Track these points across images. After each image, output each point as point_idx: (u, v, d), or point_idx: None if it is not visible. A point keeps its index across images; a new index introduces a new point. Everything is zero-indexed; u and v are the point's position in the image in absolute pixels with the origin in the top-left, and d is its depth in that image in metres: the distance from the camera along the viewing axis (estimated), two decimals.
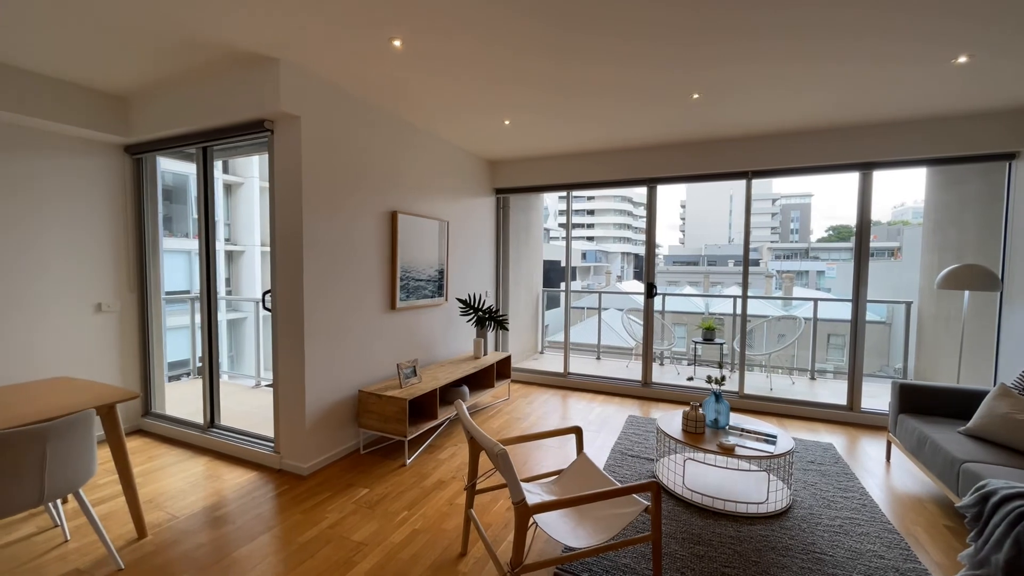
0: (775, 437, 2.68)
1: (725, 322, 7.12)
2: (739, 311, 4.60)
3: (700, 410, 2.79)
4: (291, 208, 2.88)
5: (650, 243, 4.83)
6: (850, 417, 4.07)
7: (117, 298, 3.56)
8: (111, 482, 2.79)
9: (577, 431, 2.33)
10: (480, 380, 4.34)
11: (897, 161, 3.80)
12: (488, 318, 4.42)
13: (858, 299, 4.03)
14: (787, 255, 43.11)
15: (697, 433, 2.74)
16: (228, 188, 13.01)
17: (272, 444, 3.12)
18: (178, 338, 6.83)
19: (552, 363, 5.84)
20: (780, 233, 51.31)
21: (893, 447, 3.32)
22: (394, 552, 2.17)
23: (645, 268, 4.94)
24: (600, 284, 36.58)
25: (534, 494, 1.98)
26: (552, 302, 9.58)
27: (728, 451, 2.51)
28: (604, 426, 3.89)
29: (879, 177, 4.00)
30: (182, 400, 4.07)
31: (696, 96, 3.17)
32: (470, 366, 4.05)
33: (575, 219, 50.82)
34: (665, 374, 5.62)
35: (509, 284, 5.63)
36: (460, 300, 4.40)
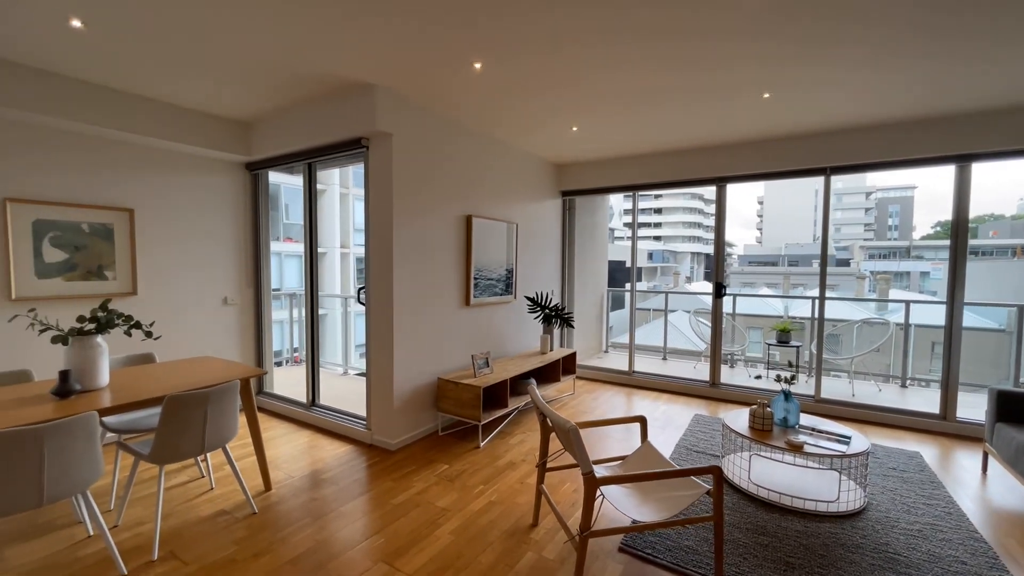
0: (848, 438, 2.64)
1: (805, 326, 6.77)
2: (819, 314, 4.42)
3: (768, 408, 2.81)
4: (383, 214, 3.28)
5: (719, 243, 4.78)
6: (943, 427, 3.79)
7: (238, 293, 4.20)
8: (240, 445, 3.33)
9: (642, 420, 2.47)
10: (546, 374, 4.55)
11: (1001, 152, 3.50)
12: (554, 316, 4.62)
13: (953, 302, 3.76)
14: (883, 254, 39.07)
15: (764, 430, 2.76)
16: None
17: (364, 421, 3.54)
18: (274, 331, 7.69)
19: (617, 362, 5.92)
20: (876, 230, 46.59)
21: (990, 458, 3.09)
22: (473, 518, 2.45)
23: (714, 268, 4.89)
24: (667, 285, 35.42)
25: (604, 474, 2.16)
26: (617, 303, 9.54)
27: (796, 448, 2.52)
28: (669, 424, 3.95)
29: (997, 168, 3.70)
30: (282, 384, 4.67)
31: (767, 96, 3.17)
32: (537, 360, 4.28)
33: (641, 218, 49.45)
34: (735, 376, 5.50)
35: (574, 284, 5.79)
36: (528, 298, 4.64)
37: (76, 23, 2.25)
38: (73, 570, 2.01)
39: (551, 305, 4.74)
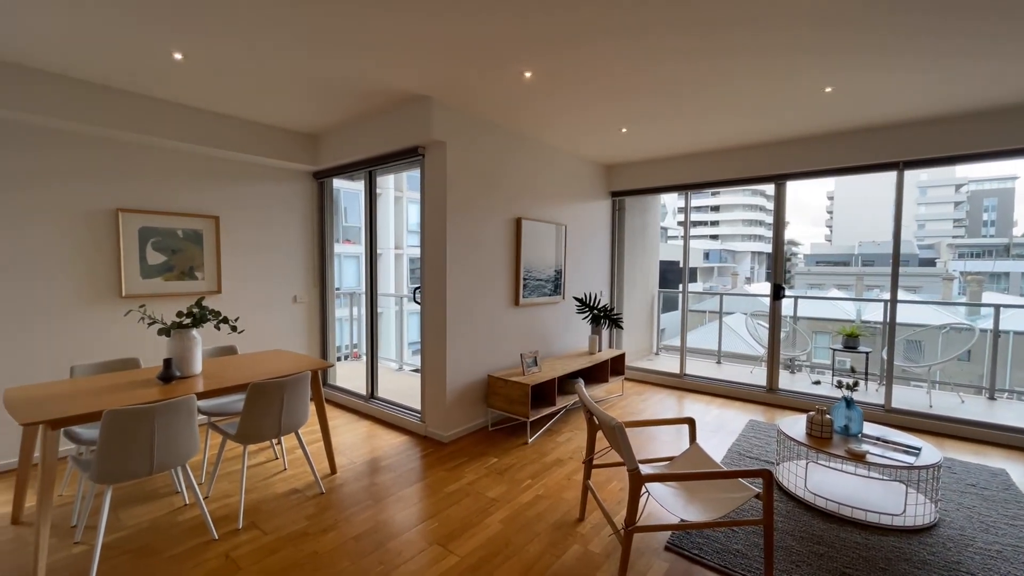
0: (918, 449, 2.48)
1: (879, 331, 6.31)
2: (890, 318, 4.14)
3: (827, 415, 2.70)
4: (438, 218, 3.45)
5: (778, 243, 4.60)
6: None
7: (306, 292, 4.55)
8: (309, 431, 3.63)
9: (690, 421, 2.46)
10: (594, 374, 4.57)
11: None
12: (603, 316, 4.63)
13: None
14: (976, 253, 35.27)
15: (823, 438, 2.66)
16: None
17: (419, 414, 3.74)
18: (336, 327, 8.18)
19: (668, 364, 5.82)
20: (967, 226, 42.07)
21: None
22: (521, 510, 2.55)
23: (773, 269, 4.71)
24: (725, 286, 33.87)
25: (647, 470, 2.19)
26: (669, 304, 9.29)
27: (858, 457, 2.42)
28: (721, 428, 3.86)
29: None
30: (343, 377, 5.00)
31: (829, 90, 3.03)
32: (585, 360, 4.32)
33: (696, 216, 47.59)
34: (796, 382, 5.24)
35: (624, 284, 5.76)
36: (576, 298, 4.68)
37: (177, 55, 2.57)
38: (174, 533, 2.31)
39: (599, 306, 4.75)
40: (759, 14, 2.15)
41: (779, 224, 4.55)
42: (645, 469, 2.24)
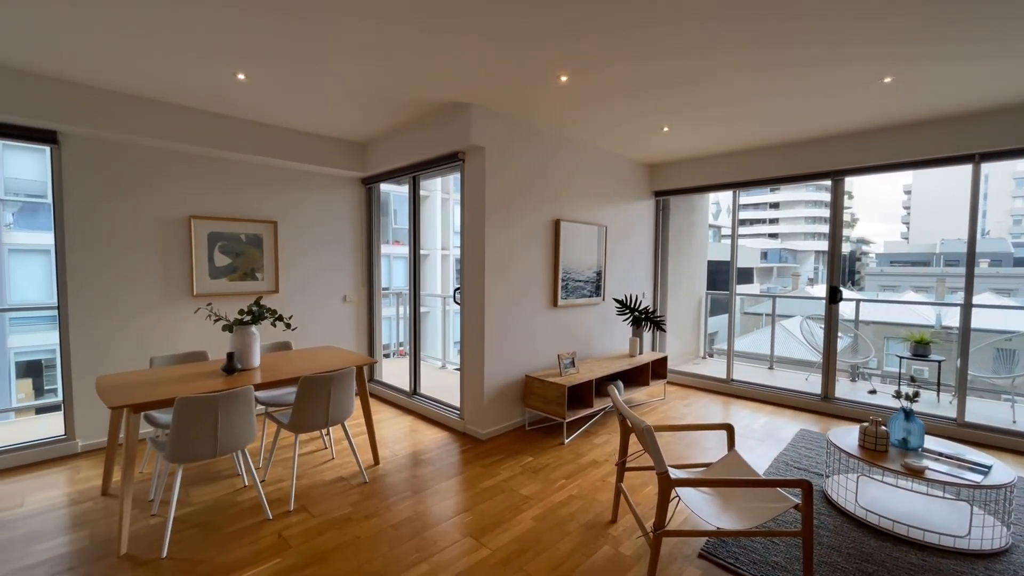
0: (987, 467, 2.28)
1: (958, 337, 5.77)
2: (964, 323, 3.80)
3: (883, 427, 2.54)
4: (477, 220, 3.55)
5: (834, 242, 4.33)
6: None
7: (355, 292, 4.79)
8: (355, 423, 3.84)
9: (728, 428, 2.39)
10: (634, 377, 4.51)
11: None
12: (644, 318, 4.56)
13: None
14: None
15: (878, 451, 2.50)
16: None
17: (458, 411, 3.85)
18: (383, 325, 8.53)
19: (715, 369, 5.62)
20: None
21: None
22: (554, 508, 2.58)
23: (829, 270, 4.44)
24: (785, 288, 31.97)
25: (681, 476, 2.16)
26: (721, 306, 8.91)
27: (916, 473, 2.26)
28: (769, 437, 3.69)
29: None
30: (389, 374, 5.21)
31: (888, 80, 2.84)
32: (624, 363, 4.27)
33: (753, 214, 45.29)
34: (857, 391, 4.90)
35: (668, 286, 5.62)
36: (616, 300, 4.63)
37: (241, 76, 2.82)
38: (234, 511, 2.53)
39: (641, 307, 4.68)
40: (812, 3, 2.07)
41: (836, 222, 4.29)
42: (677, 473, 2.20)
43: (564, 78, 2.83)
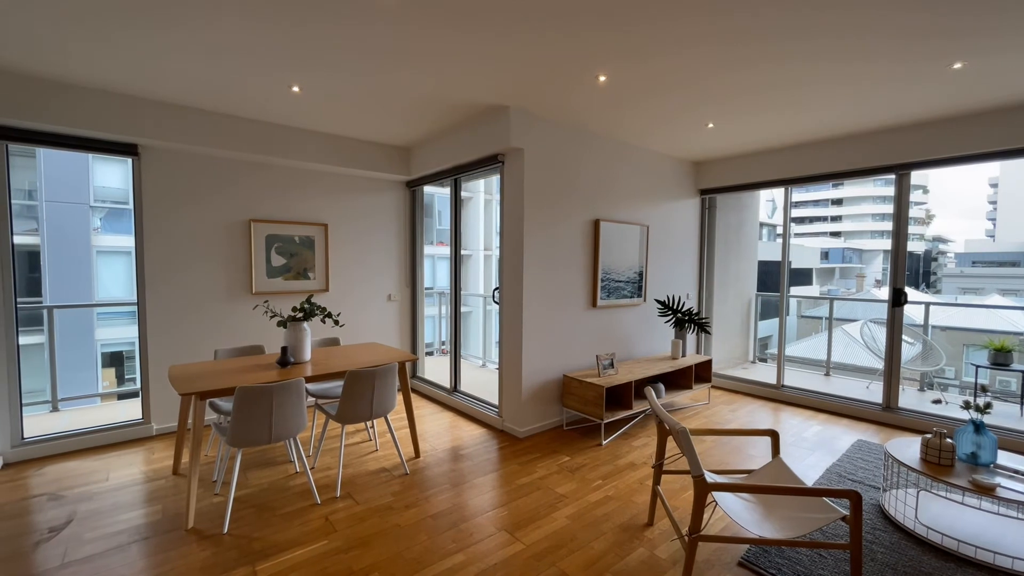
0: None
1: None
2: None
3: (948, 439, 2.35)
4: (515, 221, 3.59)
5: (899, 241, 4.05)
6: None
7: (399, 291, 4.97)
8: (397, 417, 3.99)
9: (773, 434, 2.31)
10: (676, 380, 4.40)
11: None
12: (687, 320, 4.44)
13: None
14: None
15: (942, 465, 2.32)
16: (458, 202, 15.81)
17: (497, 409, 3.91)
18: (426, 324, 8.77)
19: (764, 374, 5.38)
20: None
21: None
22: (589, 508, 2.58)
23: (892, 271, 4.15)
24: (848, 289, 29.88)
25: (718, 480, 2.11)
26: (772, 309, 8.47)
27: (986, 491, 2.08)
28: (821, 446, 3.50)
29: None
30: (431, 371, 5.36)
31: (958, 66, 2.63)
32: (666, 365, 4.17)
33: (812, 211, 42.68)
34: (925, 401, 4.54)
35: (714, 287, 5.44)
36: (658, 301, 4.54)
37: (295, 89, 3.01)
38: (287, 494, 2.71)
39: (684, 309, 4.56)
40: None
41: (901, 219, 4.01)
42: (715, 478, 2.15)
43: (603, 78, 2.82)
